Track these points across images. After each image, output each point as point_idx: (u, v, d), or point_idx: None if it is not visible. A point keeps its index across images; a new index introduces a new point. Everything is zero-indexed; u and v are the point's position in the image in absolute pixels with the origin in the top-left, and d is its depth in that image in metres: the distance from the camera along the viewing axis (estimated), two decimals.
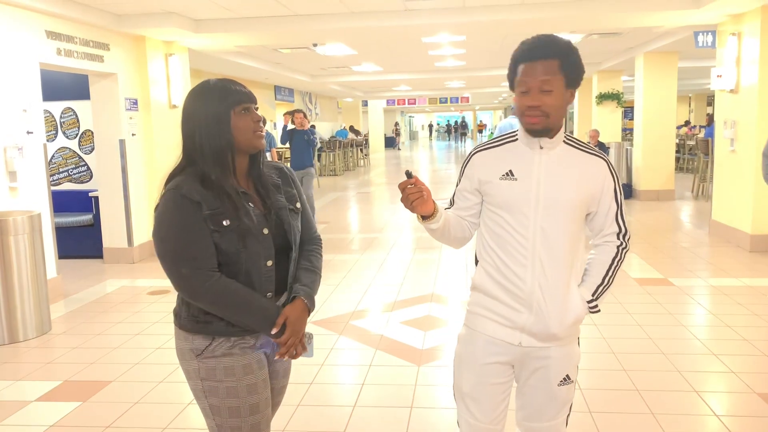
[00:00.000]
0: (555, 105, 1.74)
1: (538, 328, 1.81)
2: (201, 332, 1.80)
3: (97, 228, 7.30)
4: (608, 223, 1.88)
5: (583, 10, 6.92)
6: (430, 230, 1.88)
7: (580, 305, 1.84)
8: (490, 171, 1.86)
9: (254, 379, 1.82)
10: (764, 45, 6.56)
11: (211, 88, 1.79)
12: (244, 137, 1.79)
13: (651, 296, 5.26)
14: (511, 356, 1.87)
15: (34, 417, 3.38)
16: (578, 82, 1.80)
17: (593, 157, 1.86)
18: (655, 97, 10.82)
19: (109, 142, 7.05)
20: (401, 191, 1.77)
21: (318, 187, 14.91)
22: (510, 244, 1.82)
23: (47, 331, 4.81)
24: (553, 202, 1.79)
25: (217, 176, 1.75)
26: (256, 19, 7.31)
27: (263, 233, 1.81)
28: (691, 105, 28.20)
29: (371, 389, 3.61)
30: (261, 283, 1.81)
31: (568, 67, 1.74)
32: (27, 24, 5.61)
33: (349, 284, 5.91)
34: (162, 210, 1.75)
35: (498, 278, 1.84)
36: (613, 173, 1.86)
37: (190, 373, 1.83)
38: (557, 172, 1.81)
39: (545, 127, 1.77)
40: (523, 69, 1.75)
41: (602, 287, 1.88)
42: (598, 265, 1.89)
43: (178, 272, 1.73)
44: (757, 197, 6.80)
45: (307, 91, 19.57)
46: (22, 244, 4.65)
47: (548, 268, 1.79)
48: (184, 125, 1.81)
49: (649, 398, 3.37)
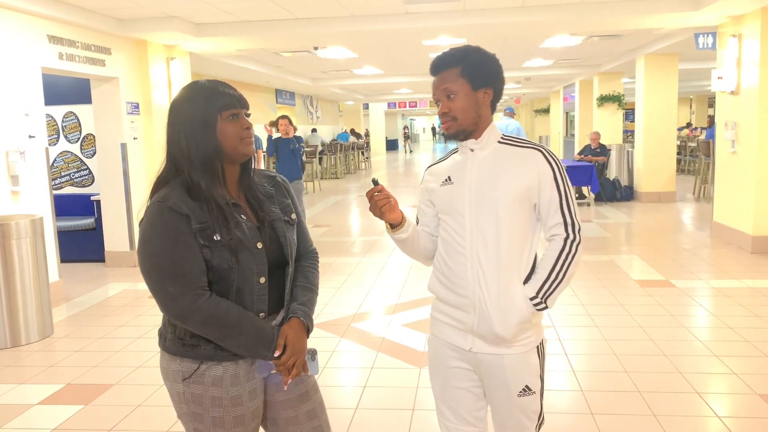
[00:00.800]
0: (461, 107, 1.81)
1: (483, 330, 1.82)
2: (188, 356, 1.67)
3: (98, 232, 7.31)
4: (551, 214, 1.83)
5: (583, 13, 6.93)
6: (399, 241, 1.95)
7: (523, 304, 1.80)
8: (435, 181, 1.95)
9: (242, 411, 1.70)
10: (765, 46, 6.56)
11: (199, 89, 1.67)
12: (231, 144, 1.65)
13: (652, 298, 5.26)
14: (467, 362, 1.90)
15: (36, 420, 3.39)
16: (489, 80, 1.83)
17: (527, 149, 1.84)
18: (655, 98, 10.82)
19: (110, 146, 7.07)
20: (369, 200, 1.85)
21: (320, 190, 14.93)
22: (452, 246, 1.87)
23: (49, 335, 4.82)
24: (486, 200, 1.81)
25: (206, 185, 1.63)
26: (257, 23, 7.34)
27: (257, 247, 1.68)
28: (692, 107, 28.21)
29: (373, 392, 3.61)
30: (253, 301, 1.68)
31: (470, 70, 1.81)
32: (29, 29, 5.63)
33: (350, 287, 5.91)
34: (147, 223, 1.62)
35: (444, 281, 1.90)
36: (551, 162, 1.82)
37: (174, 396, 1.72)
38: (488, 171, 1.84)
39: (457, 130, 1.84)
40: (432, 84, 1.87)
41: (548, 283, 1.81)
42: (544, 260, 1.84)
43: (165, 291, 1.58)
44: (758, 199, 6.80)
45: (308, 94, 19.59)
46: (24, 247, 4.66)
47: (487, 267, 1.80)
48: (169, 128, 1.68)
49: (650, 399, 3.37)
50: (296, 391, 1.81)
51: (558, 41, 9.49)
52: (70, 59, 6.17)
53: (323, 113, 22.27)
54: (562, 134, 20.95)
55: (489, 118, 1.88)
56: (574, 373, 3.75)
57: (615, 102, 13.77)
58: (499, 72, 1.87)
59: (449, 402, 1.94)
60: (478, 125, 1.85)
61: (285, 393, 1.79)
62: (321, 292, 1.98)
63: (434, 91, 1.86)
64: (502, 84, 1.89)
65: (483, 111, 1.85)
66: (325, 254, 7.31)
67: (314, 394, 1.86)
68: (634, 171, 11.52)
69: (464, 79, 1.81)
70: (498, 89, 1.87)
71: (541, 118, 26.89)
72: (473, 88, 1.82)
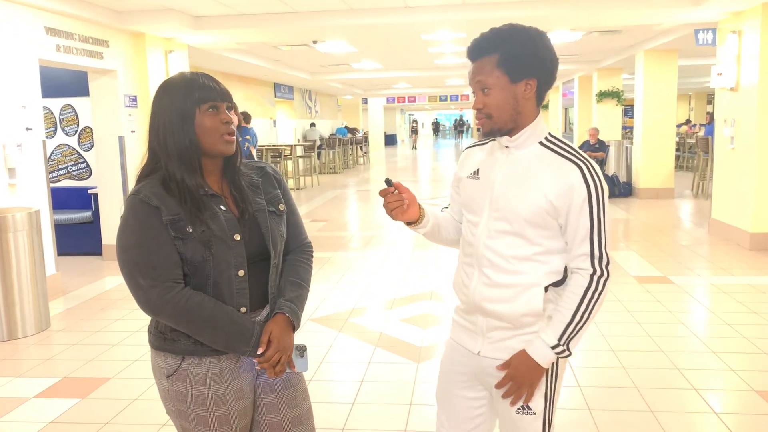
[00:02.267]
0: (496, 105, 1.61)
1: (490, 321, 1.72)
2: (168, 350, 1.65)
3: (96, 225, 7.29)
4: (578, 241, 1.61)
5: (583, 8, 6.91)
6: (421, 234, 1.87)
7: (534, 301, 1.64)
8: (465, 168, 1.80)
9: (227, 410, 1.66)
10: (764, 42, 6.55)
11: (178, 82, 1.63)
12: (209, 139, 1.61)
13: (650, 294, 5.26)
14: (469, 367, 1.78)
15: (32, 413, 3.38)
16: (532, 70, 1.60)
17: (567, 162, 1.61)
18: (655, 95, 10.81)
19: (108, 139, 7.04)
20: (383, 198, 1.74)
21: (318, 184, 14.90)
22: (466, 244, 1.77)
23: (46, 328, 4.81)
24: (503, 205, 1.64)
25: (181, 176, 1.60)
26: (255, 16, 7.30)
27: (234, 239, 1.63)
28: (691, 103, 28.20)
29: (370, 386, 3.61)
30: (232, 295, 1.63)
31: (508, 59, 1.59)
32: (26, 20, 5.60)
33: (348, 281, 5.90)
34: (122, 217, 1.61)
35: (457, 279, 1.82)
36: (589, 183, 1.58)
37: (161, 392, 1.71)
38: (516, 174, 1.65)
39: (491, 129, 1.65)
40: (468, 72, 1.69)
41: (571, 326, 1.61)
42: (566, 300, 1.63)
43: (136, 283, 1.57)
44: (757, 195, 6.80)
45: (307, 88, 19.54)
46: (21, 240, 4.64)
47: (493, 276, 1.67)
48: (150, 120, 1.66)
49: (648, 396, 3.37)
50: (285, 395, 1.76)
51: (558, 36, 9.46)
52: (68, 51, 6.14)
53: (322, 108, 22.22)
54: (561, 130, 20.94)
55: (532, 113, 1.64)
56: (572, 369, 3.75)
57: (614, 98, 13.76)
58: (546, 57, 1.62)
59: (446, 407, 1.87)
60: (518, 122, 1.63)
61: (273, 396, 1.75)
62: (319, 286, 1.96)
63: (469, 80, 1.66)
64: (550, 71, 1.64)
65: (524, 106, 1.62)
66: (323, 249, 7.30)
67: (303, 401, 1.80)
68: (632, 167, 11.52)
69: (501, 71, 1.59)
70: (544, 78, 1.63)
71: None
72: (512, 81, 1.60)
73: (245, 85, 14.36)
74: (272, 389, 1.75)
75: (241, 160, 1.75)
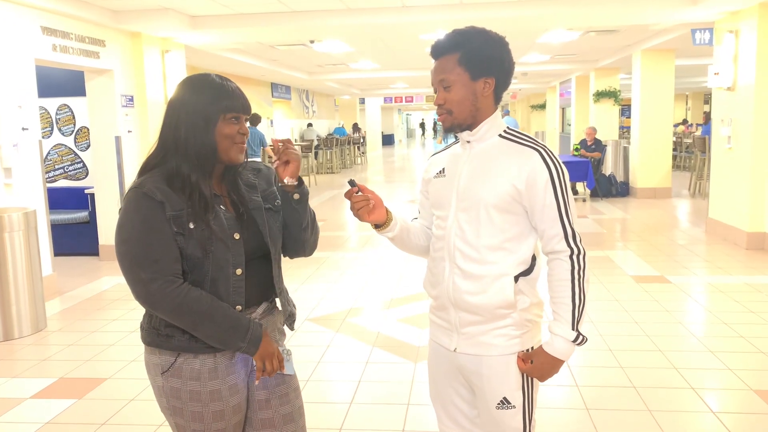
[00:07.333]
0: (456, 101, 1.69)
1: (461, 314, 1.75)
2: (163, 347, 1.66)
3: (92, 225, 7.27)
4: (548, 222, 1.67)
5: (580, 7, 6.91)
6: (389, 239, 1.88)
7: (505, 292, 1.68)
8: (431, 171, 1.87)
9: (222, 406, 1.67)
10: (761, 42, 6.56)
11: (208, 84, 1.65)
12: (225, 147, 1.65)
13: (648, 293, 5.26)
14: (450, 364, 1.82)
15: (29, 414, 3.37)
16: (491, 69, 1.68)
17: (525, 147, 1.69)
18: (652, 94, 10.83)
19: (104, 139, 7.02)
20: (348, 199, 1.76)
21: (315, 184, 14.90)
22: (436, 241, 1.81)
23: (42, 329, 4.79)
24: (470, 195, 1.70)
25: (195, 177, 1.63)
26: (252, 16, 7.29)
27: (233, 238, 1.66)
28: (688, 103, 28.26)
29: (368, 386, 3.60)
30: (229, 293, 1.66)
31: (469, 57, 1.66)
32: (22, 20, 5.58)
33: (345, 281, 5.90)
34: (123, 209, 1.62)
35: (430, 278, 1.84)
36: (549, 163, 1.65)
37: (155, 389, 1.72)
38: (480, 165, 1.72)
39: (453, 124, 1.72)
40: (431, 70, 1.75)
41: (576, 312, 1.70)
42: (560, 288, 1.69)
43: (137, 277, 1.57)
44: (753, 195, 6.81)
45: (304, 88, 19.53)
46: (17, 241, 4.63)
47: (464, 266, 1.71)
48: (169, 115, 1.66)
49: (645, 395, 3.37)
50: (276, 392, 1.78)
51: (555, 36, 9.47)
52: (64, 51, 6.12)
53: (319, 107, 22.21)
54: (558, 130, 20.96)
55: (490, 110, 1.72)
56: (569, 368, 3.75)
57: (611, 98, 13.77)
58: (504, 58, 1.70)
59: (442, 406, 1.89)
60: (476, 118, 1.71)
61: (265, 393, 1.77)
62: (316, 286, 1.97)
63: (432, 78, 1.73)
64: (507, 72, 1.72)
65: (482, 103, 1.70)
66: (320, 249, 7.25)
67: (295, 398, 1.82)
68: (629, 167, 11.54)
69: (462, 68, 1.66)
70: (502, 78, 1.71)
71: (537, 114, 26.89)
72: (472, 78, 1.67)
73: (242, 84, 14.28)
74: (265, 386, 1.77)
75: (246, 164, 1.79)
